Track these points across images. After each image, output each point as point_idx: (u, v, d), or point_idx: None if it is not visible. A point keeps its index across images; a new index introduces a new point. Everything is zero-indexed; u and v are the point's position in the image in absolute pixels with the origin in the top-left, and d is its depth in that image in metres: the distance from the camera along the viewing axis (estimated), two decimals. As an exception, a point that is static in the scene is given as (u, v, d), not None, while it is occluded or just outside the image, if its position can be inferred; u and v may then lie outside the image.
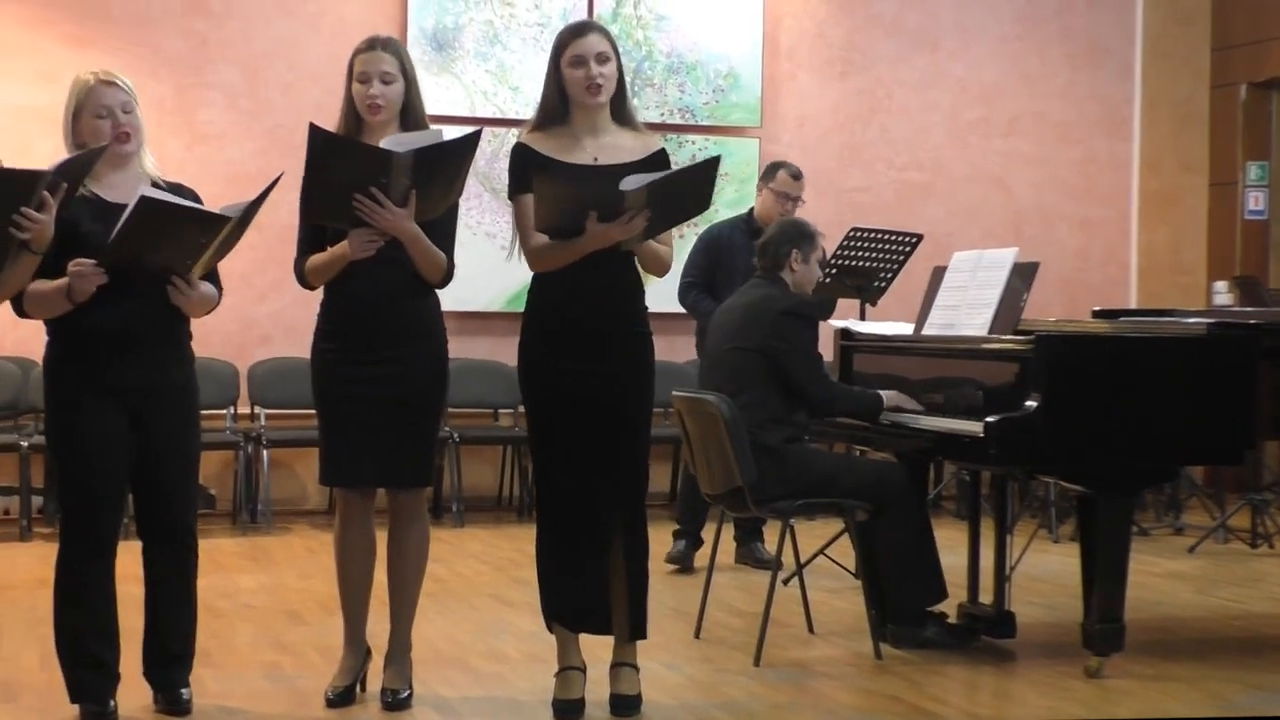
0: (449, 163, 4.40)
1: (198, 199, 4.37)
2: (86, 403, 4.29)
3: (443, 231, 4.52)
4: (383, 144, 4.33)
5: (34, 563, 7.14)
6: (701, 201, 4.49)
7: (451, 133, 4.46)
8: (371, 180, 4.29)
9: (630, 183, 4.25)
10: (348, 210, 4.32)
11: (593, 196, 4.29)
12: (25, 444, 7.99)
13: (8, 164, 4.07)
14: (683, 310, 7.22)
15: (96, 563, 4.33)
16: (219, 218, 4.14)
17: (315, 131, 4.28)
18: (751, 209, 7.37)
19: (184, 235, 4.14)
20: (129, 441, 4.32)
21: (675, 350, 7.26)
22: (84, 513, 4.33)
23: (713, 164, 4.45)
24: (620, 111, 4.57)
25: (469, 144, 4.40)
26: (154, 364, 4.32)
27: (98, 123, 4.29)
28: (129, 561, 4.45)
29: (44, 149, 7.62)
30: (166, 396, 4.35)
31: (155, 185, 4.31)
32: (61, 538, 4.38)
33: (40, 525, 8.17)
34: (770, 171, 7.33)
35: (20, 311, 4.28)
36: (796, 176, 7.25)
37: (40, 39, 8.65)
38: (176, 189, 4.33)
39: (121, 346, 4.27)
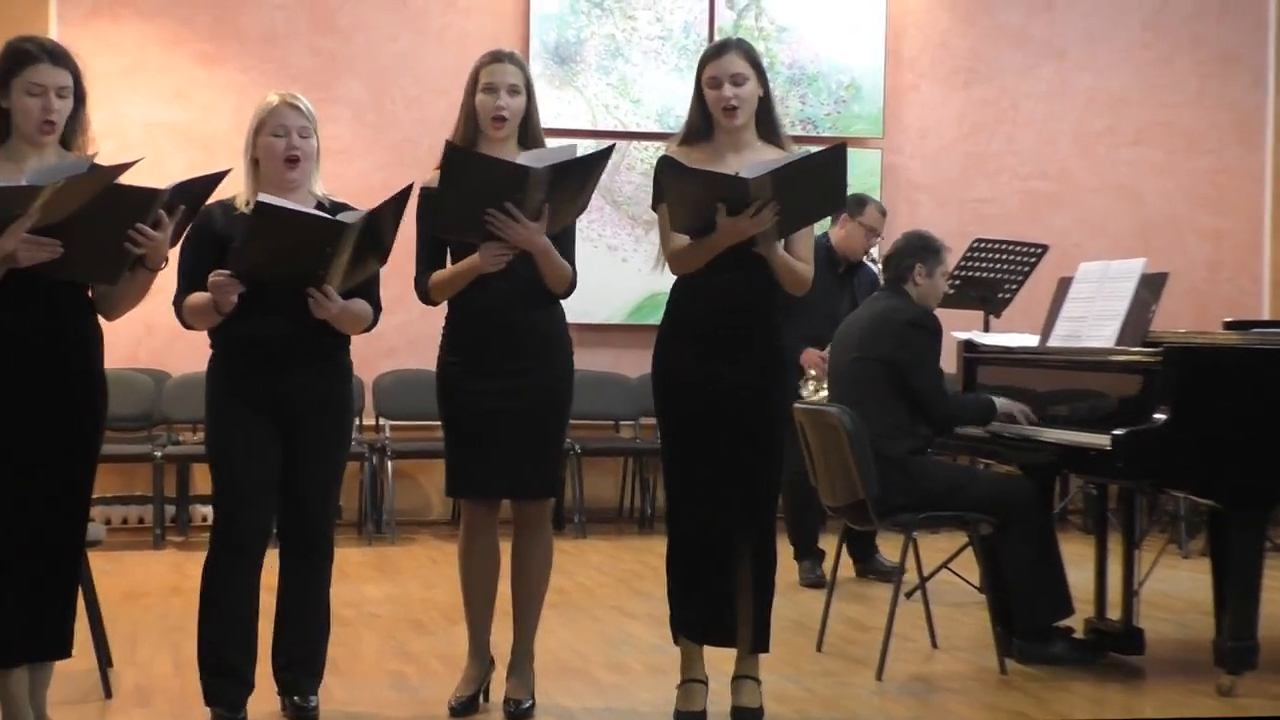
0: (582, 177, 4.44)
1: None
2: (234, 412, 4.37)
3: (563, 243, 4.55)
4: (520, 159, 4.37)
5: (167, 570, 7.29)
6: (832, 198, 4.44)
7: (584, 147, 4.50)
8: (507, 195, 4.32)
9: (754, 169, 4.25)
10: (479, 224, 4.37)
11: (718, 190, 4.28)
12: (159, 454, 8.15)
13: (138, 180, 4.15)
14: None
15: (237, 569, 4.37)
16: (336, 224, 4.17)
17: (451, 148, 4.33)
18: (827, 233, 7.08)
19: (306, 242, 4.18)
20: (277, 452, 4.39)
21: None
22: (226, 520, 4.40)
23: (837, 152, 4.32)
24: (766, 128, 4.55)
25: (602, 159, 4.44)
26: (301, 376, 4.37)
27: (273, 140, 4.37)
28: (272, 570, 4.51)
29: (176, 164, 7.82)
30: (314, 409, 4.40)
31: (320, 205, 4.37)
32: (210, 544, 4.45)
33: (173, 534, 8.34)
34: (860, 205, 7.10)
35: (184, 323, 4.40)
36: (884, 213, 7.21)
37: (173, 57, 8.84)
38: (341, 208, 4.36)
39: (268, 358, 4.34)
